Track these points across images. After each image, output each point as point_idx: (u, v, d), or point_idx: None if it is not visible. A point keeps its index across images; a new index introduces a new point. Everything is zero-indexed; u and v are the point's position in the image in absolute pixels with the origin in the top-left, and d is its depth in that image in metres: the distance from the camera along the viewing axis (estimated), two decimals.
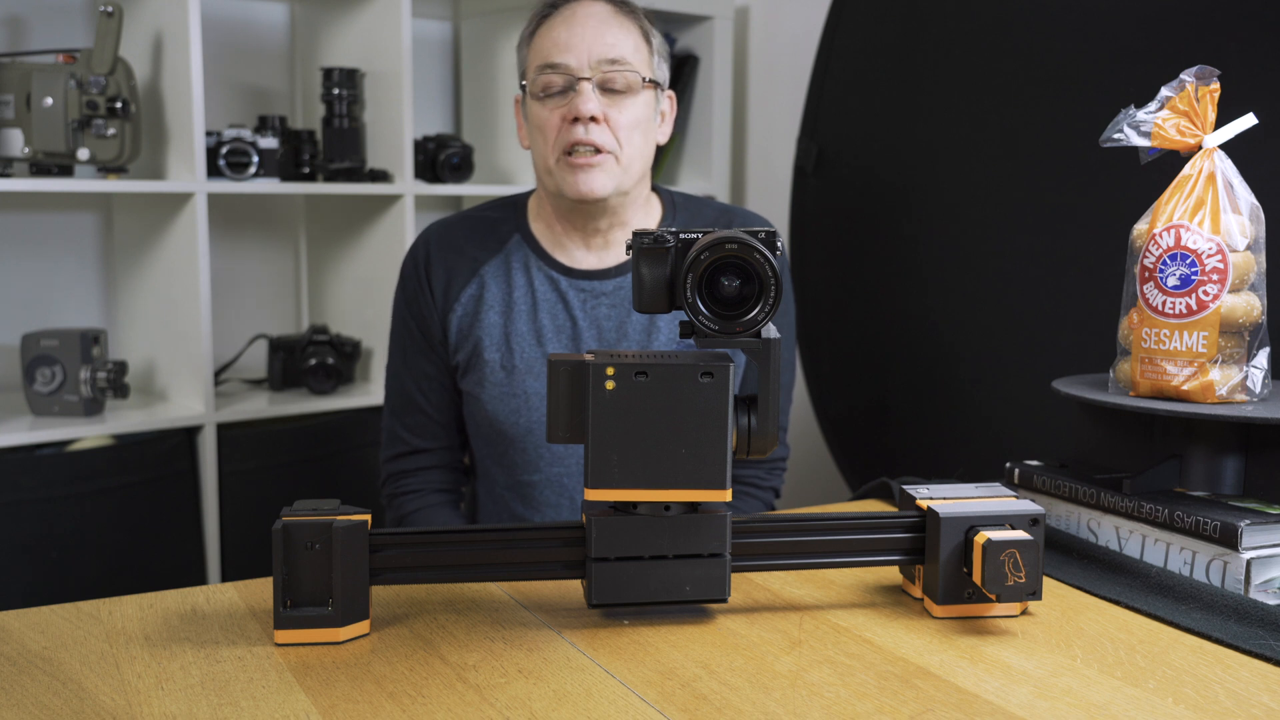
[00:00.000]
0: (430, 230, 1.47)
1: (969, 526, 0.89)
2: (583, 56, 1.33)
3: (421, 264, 1.44)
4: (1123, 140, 1.08)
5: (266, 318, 2.40)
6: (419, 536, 0.88)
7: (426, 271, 1.43)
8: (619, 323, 1.40)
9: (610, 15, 1.36)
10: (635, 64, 1.35)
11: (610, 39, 1.34)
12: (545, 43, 1.36)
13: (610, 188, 1.35)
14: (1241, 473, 1.05)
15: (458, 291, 1.42)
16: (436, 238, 1.45)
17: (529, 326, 1.39)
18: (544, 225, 1.44)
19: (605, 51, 1.33)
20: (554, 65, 1.33)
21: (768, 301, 0.83)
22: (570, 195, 1.35)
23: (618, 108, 1.34)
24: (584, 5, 1.36)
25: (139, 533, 1.92)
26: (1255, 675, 0.81)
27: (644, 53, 1.38)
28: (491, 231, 1.45)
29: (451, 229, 1.46)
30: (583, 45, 1.33)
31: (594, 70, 1.33)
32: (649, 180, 1.45)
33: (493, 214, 1.47)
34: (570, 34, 1.34)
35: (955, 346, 1.66)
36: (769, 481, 1.50)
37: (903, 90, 1.76)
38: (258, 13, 2.33)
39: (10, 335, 2.08)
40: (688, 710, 0.74)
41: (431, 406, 1.45)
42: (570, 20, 1.35)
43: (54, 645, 0.84)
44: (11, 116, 1.87)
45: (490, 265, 1.42)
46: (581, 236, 1.42)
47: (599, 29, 1.34)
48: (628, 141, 1.35)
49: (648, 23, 1.40)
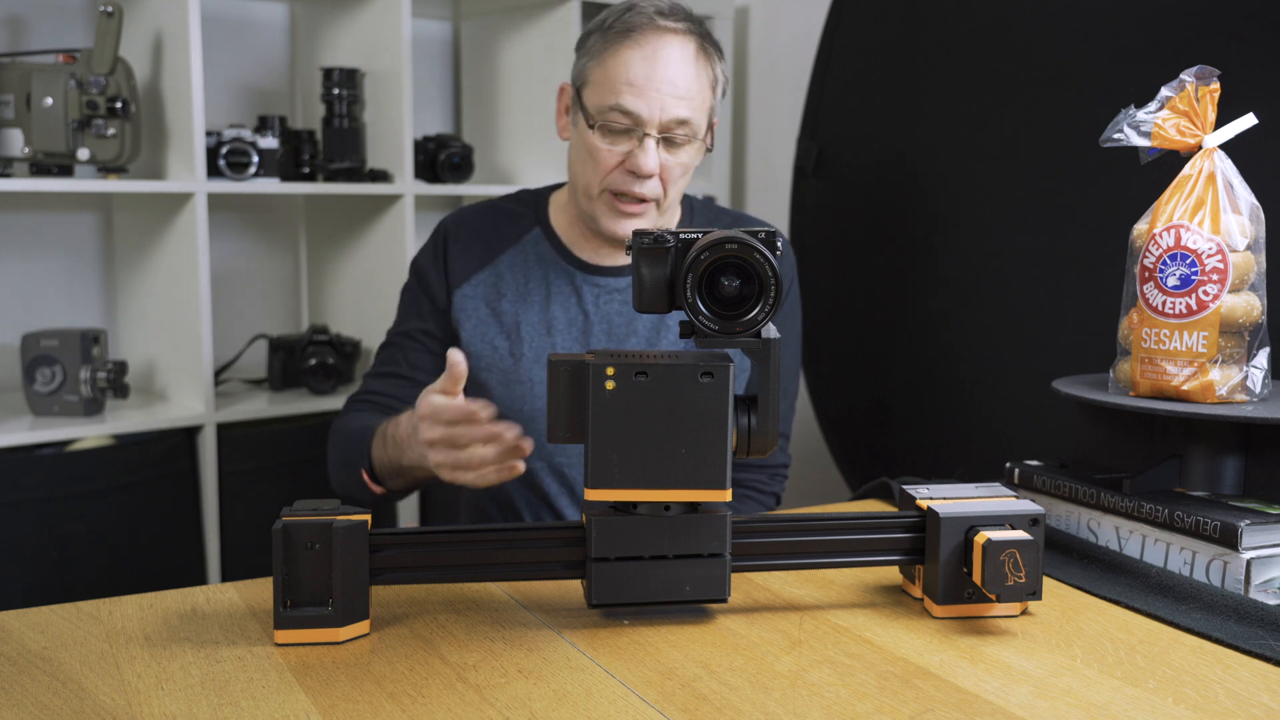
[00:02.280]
0: (453, 216, 1.48)
1: (969, 526, 0.89)
2: (655, 109, 1.29)
3: (441, 243, 1.45)
4: (1123, 140, 1.08)
5: (266, 318, 2.39)
6: (419, 536, 0.88)
7: (445, 249, 1.44)
8: (629, 320, 1.41)
9: (691, 58, 1.32)
10: (699, 121, 1.33)
11: (683, 90, 1.30)
12: (620, 72, 1.30)
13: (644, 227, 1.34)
14: (1241, 473, 1.05)
15: (472, 274, 1.43)
16: (456, 224, 1.47)
17: (540, 317, 1.40)
18: (566, 221, 1.45)
19: (676, 109, 1.30)
20: (625, 111, 1.30)
21: (768, 301, 0.83)
22: (605, 232, 1.37)
23: (673, 159, 1.33)
24: (665, 39, 1.30)
25: (139, 533, 1.92)
26: (1255, 675, 0.81)
27: (709, 102, 1.35)
28: (512, 223, 1.46)
29: (474, 216, 1.48)
30: (656, 97, 1.29)
31: (662, 128, 1.31)
32: None
33: (514, 206, 1.49)
34: (649, 76, 1.29)
35: (955, 346, 1.66)
36: (770, 487, 1.50)
37: (903, 90, 1.76)
38: (258, 13, 2.33)
39: (10, 335, 2.08)
40: (688, 710, 0.74)
41: (410, 367, 1.43)
42: (651, 57, 1.29)
43: (54, 645, 0.84)
44: (11, 116, 1.87)
45: (507, 255, 1.44)
46: (601, 241, 1.43)
47: (676, 77, 1.30)
48: (673, 187, 1.36)
49: (720, 63, 1.37)
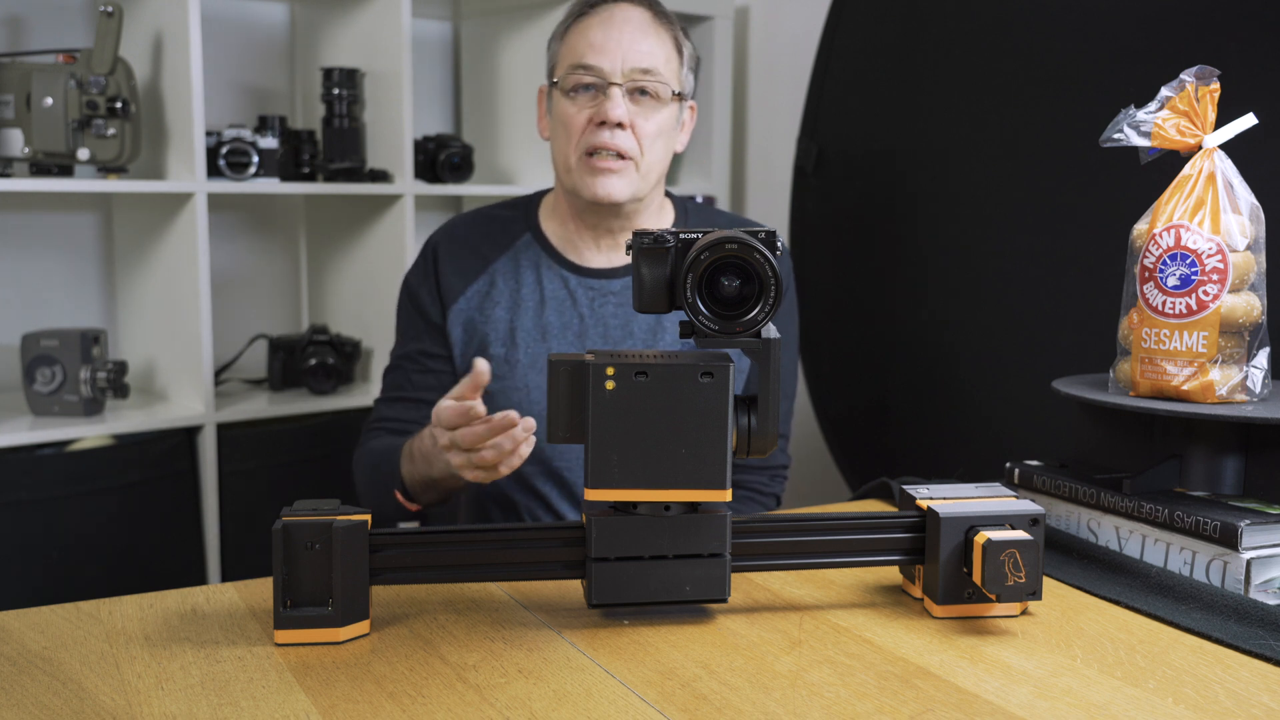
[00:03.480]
0: (442, 229, 1.49)
1: (969, 526, 0.89)
2: (616, 61, 1.34)
3: (430, 260, 1.46)
4: (1123, 140, 1.08)
5: (266, 318, 2.39)
6: (419, 536, 0.88)
7: (435, 267, 1.45)
8: (625, 321, 1.41)
9: (648, 23, 1.37)
10: (666, 75, 1.37)
11: (645, 47, 1.35)
12: (580, 41, 1.36)
13: (628, 193, 1.37)
14: (1241, 473, 1.05)
15: (464, 286, 1.43)
16: (448, 236, 1.47)
17: (535, 323, 1.40)
18: (557, 223, 1.46)
19: (639, 60, 1.34)
20: (587, 66, 1.35)
21: (768, 301, 0.83)
22: (587, 196, 1.37)
23: (644, 116, 1.36)
24: (623, 8, 1.37)
25: (139, 533, 1.92)
26: (1255, 675, 0.81)
27: (675, 64, 1.39)
28: (503, 230, 1.47)
29: (464, 227, 1.48)
30: (618, 50, 1.34)
31: (626, 77, 1.34)
32: (664, 186, 1.47)
33: (504, 213, 1.49)
34: (606, 36, 1.35)
35: (955, 347, 1.66)
36: (770, 488, 1.50)
37: (903, 90, 1.76)
38: (258, 13, 2.33)
39: (10, 335, 2.08)
40: (688, 710, 0.74)
41: (423, 394, 1.44)
42: (608, 22, 1.36)
43: (54, 645, 0.84)
44: (11, 116, 1.87)
45: (500, 262, 1.44)
46: (593, 236, 1.44)
47: (635, 36, 1.35)
48: (649, 149, 1.37)
49: (682, 34, 1.41)
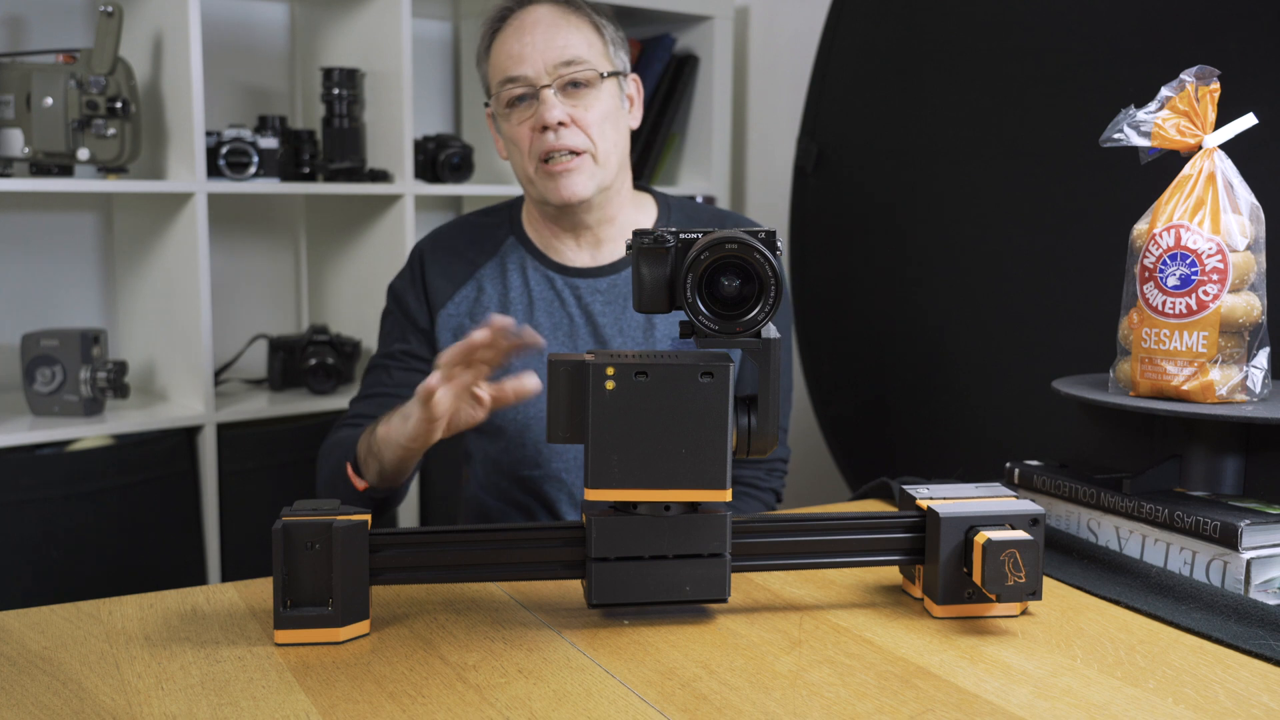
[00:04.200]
0: (427, 238, 1.49)
1: (969, 526, 0.89)
2: (538, 64, 1.34)
3: (418, 267, 1.46)
4: (1123, 140, 1.08)
5: (266, 318, 2.39)
6: (419, 536, 0.88)
7: (422, 272, 1.45)
8: (615, 319, 1.40)
9: (559, 15, 1.37)
10: (591, 59, 1.36)
11: (561, 41, 1.35)
12: (501, 57, 1.37)
13: (592, 187, 1.36)
14: (1241, 473, 1.05)
15: (452, 292, 1.43)
16: (432, 245, 1.47)
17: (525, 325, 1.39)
18: (534, 229, 1.46)
19: (559, 55, 1.34)
20: (513, 79, 1.35)
21: (768, 301, 0.83)
22: (554, 201, 1.36)
23: (582, 106, 1.35)
24: (529, 11, 1.37)
25: (139, 533, 1.92)
26: (1255, 675, 0.81)
27: (598, 46, 1.38)
28: (488, 235, 1.47)
29: (447, 235, 1.48)
30: (536, 53, 1.34)
31: (552, 75, 1.34)
32: (629, 172, 1.45)
33: (487, 219, 1.49)
34: (522, 44, 1.35)
35: (955, 346, 1.66)
36: (769, 483, 1.50)
37: (903, 90, 1.76)
38: (258, 13, 2.33)
39: (10, 335, 2.08)
40: (688, 710, 0.74)
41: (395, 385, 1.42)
42: (520, 30, 1.36)
43: (54, 645, 0.84)
44: (11, 116, 1.87)
45: (486, 268, 1.44)
46: (572, 237, 1.43)
47: (549, 33, 1.35)
48: (600, 137, 1.36)
49: (596, 15, 1.41)
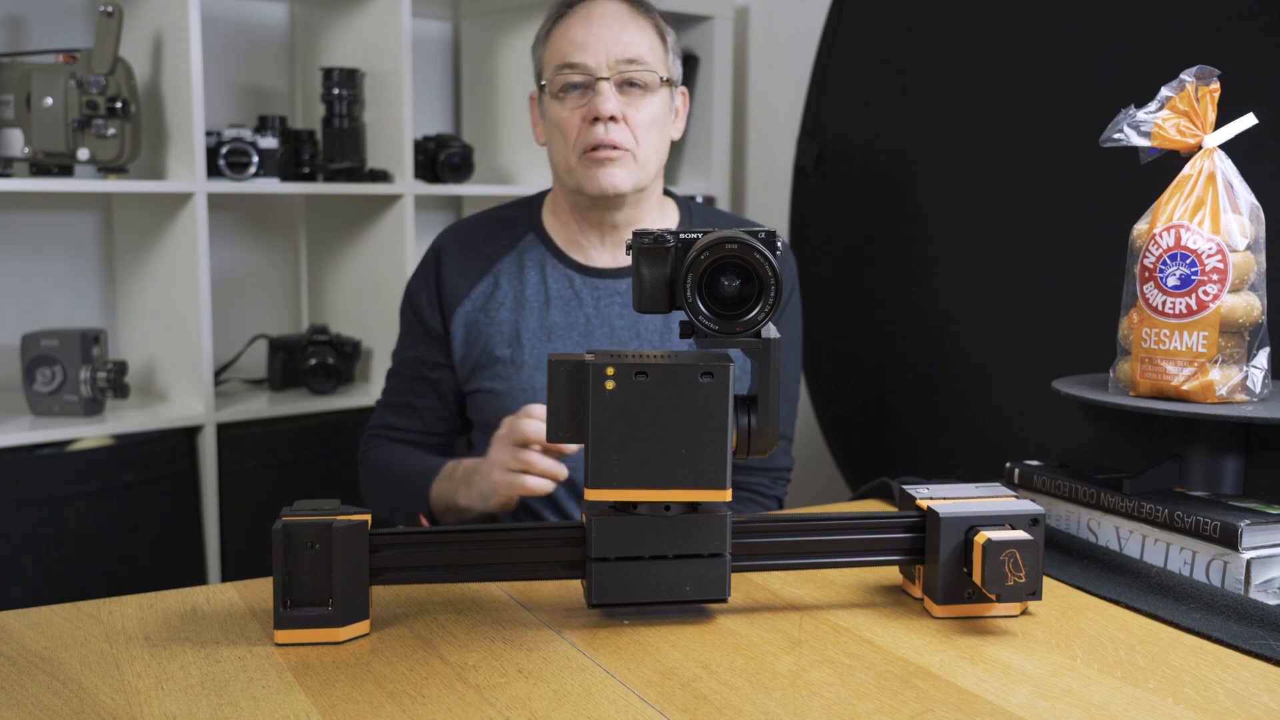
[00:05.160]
0: (446, 231, 1.50)
1: (969, 526, 0.89)
2: (601, 56, 1.34)
3: (432, 264, 1.46)
4: (1123, 140, 1.08)
5: (266, 318, 2.40)
6: (419, 536, 0.88)
7: (437, 269, 1.45)
8: (633, 320, 1.40)
9: (627, 14, 1.37)
10: (652, 63, 1.37)
11: (627, 38, 1.35)
12: (563, 42, 1.36)
13: (629, 184, 1.37)
14: (1241, 473, 1.05)
15: (469, 288, 1.43)
16: (451, 238, 1.48)
17: (540, 323, 1.40)
18: (560, 223, 1.45)
19: (623, 51, 1.34)
20: (573, 65, 1.35)
21: (768, 301, 0.83)
22: (591, 192, 1.36)
23: (635, 106, 1.36)
24: (600, 4, 1.37)
25: (139, 533, 1.92)
26: (1255, 675, 0.81)
27: (660, 51, 1.39)
28: (507, 230, 1.47)
29: (468, 229, 1.48)
30: (600, 45, 1.34)
31: (612, 70, 1.34)
32: (662, 180, 1.47)
33: (508, 213, 1.49)
34: (588, 33, 1.35)
35: (955, 346, 1.66)
36: (773, 490, 1.50)
37: (903, 90, 1.76)
38: (258, 13, 2.33)
39: (10, 335, 2.08)
40: (688, 710, 0.74)
41: (421, 401, 1.46)
42: (587, 20, 1.36)
43: (54, 645, 0.84)
44: (11, 116, 1.87)
45: (504, 262, 1.44)
46: (598, 234, 1.43)
47: (616, 28, 1.35)
48: (645, 139, 1.37)
49: (662, 21, 1.41)
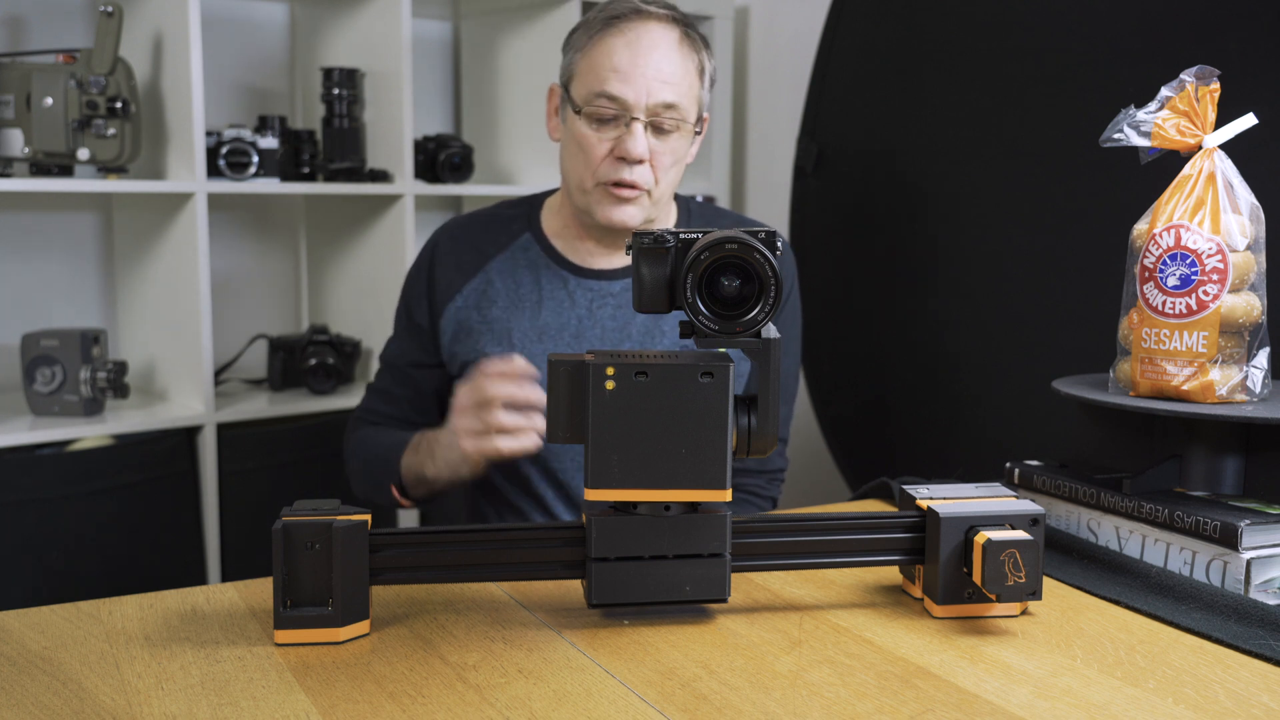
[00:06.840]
0: (444, 226, 1.49)
1: (969, 526, 0.89)
2: (641, 94, 1.29)
3: (428, 259, 1.46)
4: (1123, 140, 1.08)
5: (266, 318, 2.39)
6: (419, 536, 0.88)
7: (431, 264, 1.45)
8: (623, 323, 1.40)
9: (675, 46, 1.32)
10: (687, 107, 1.33)
11: (669, 75, 1.30)
12: (604, 62, 1.31)
13: (640, 219, 1.36)
14: (1241, 473, 1.05)
15: (462, 284, 1.43)
16: (449, 233, 1.47)
17: (532, 323, 1.40)
18: (560, 224, 1.45)
19: (663, 94, 1.30)
20: (611, 97, 1.30)
21: (768, 301, 0.83)
22: (600, 221, 1.36)
23: (662, 148, 1.33)
24: (651, 27, 1.31)
25: (139, 533, 1.92)
26: (1255, 675, 0.81)
27: (695, 90, 1.35)
28: (504, 228, 1.46)
29: (465, 225, 1.48)
30: (642, 81, 1.29)
31: (649, 112, 1.30)
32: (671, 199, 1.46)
33: (507, 211, 1.49)
34: (634, 64, 1.29)
35: (955, 346, 1.66)
36: (768, 491, 1.51)
37: (903, 90, 1.76)
38: (258, 13, 2.33)
39: (10, 335, 2.08)
40: (688, 710, 0.74)
41: (401, 391, 1.47)
42: (635, 45, 1.30)
43: (54, 645, 0.84)
44: (11, 116, 1.87)
45: (497, 261, 1.43)
46: (595, 239, 1.43)
47: (661, 64, 1.30)
48: (664, 178, 1.35)
49: (705, 53, 1.37)
